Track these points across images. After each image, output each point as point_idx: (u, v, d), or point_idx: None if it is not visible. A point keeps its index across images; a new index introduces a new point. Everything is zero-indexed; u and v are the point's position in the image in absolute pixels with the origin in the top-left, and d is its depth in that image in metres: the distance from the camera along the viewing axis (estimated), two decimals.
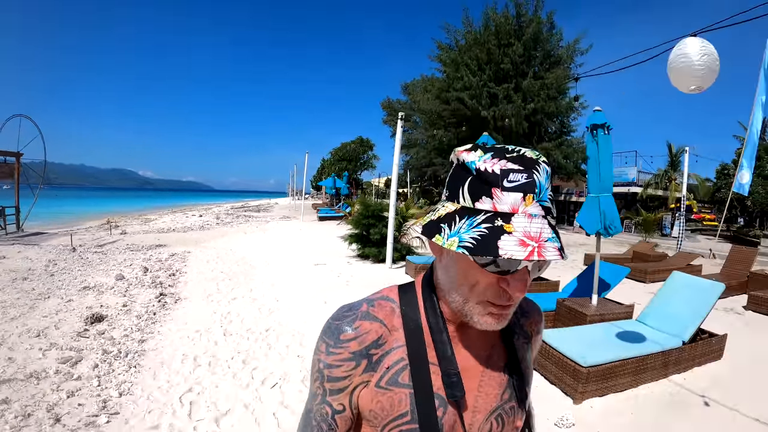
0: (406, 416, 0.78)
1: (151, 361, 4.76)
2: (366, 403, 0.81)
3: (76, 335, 5.46)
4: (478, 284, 0.73)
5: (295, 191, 57.31)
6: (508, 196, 0.68)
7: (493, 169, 0.69)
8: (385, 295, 0.89)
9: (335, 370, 0.81)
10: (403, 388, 0.79)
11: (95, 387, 4.10)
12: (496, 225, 0.66)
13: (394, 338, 0.83)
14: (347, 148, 55.39)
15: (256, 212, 35.59)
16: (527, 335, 0.98)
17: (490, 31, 27.99)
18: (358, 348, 0.80)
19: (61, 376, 4.31)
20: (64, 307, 6.65)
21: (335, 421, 0.82)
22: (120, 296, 7.29)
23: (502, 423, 0.86)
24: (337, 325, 0.83)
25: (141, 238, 15.96)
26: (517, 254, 0.63)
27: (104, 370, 4.46)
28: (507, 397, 0.87)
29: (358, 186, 52.81)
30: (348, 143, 55.88)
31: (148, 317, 6.25)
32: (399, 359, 0.81)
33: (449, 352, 0.81)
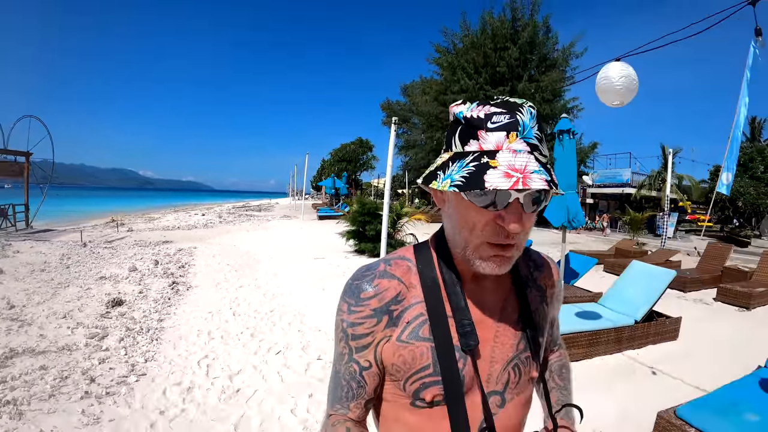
0: (428, 368, 0.82)
1: (170, 336, 5.42)
2: (388, 357, 0.85)
3: (99, 316, 6.10)
4: (476, 225, 0.76)
5: (296, 191, 57.92)
6: (492, 135, 0.72)
7: (478, 114, 0.74)
8: (401, 255, 0.93)
9: (358, 327, 0.85)
10: (425, 341, 0.83)
11: (123, 355, 4.74)
12: (483, 162, 0.71)
13: (413, 294, 0.86)
14: (347, 149, 55.88)
15: (257, 211, 36.21)
16: (541, 289, 1.01)
17: (486, 35, 28.62)
18: (378, 305, 0.84)
19: (90, 348, 4.95)
20: (84, 294, 7.28)
21: (363, 378, 0.86)
22: (135, 285, 7.93)
23: (519, 373, 0.90)
24: (357, 285, 0.86)
25: (147, 235, 16.61)
26: (501, 185, 0.67)
27: (129, 343, 5.10)
28: (522, 348, 0.90)
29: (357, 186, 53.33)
30: (348, 144, 56.38)
31: (163, 301, 6.91)
32: (418, 314, 0.84)
33: (463, 303, 0.85)
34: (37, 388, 3.91)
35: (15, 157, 18.40)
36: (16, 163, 18.45)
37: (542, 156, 0.75)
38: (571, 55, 29.67)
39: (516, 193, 0.71)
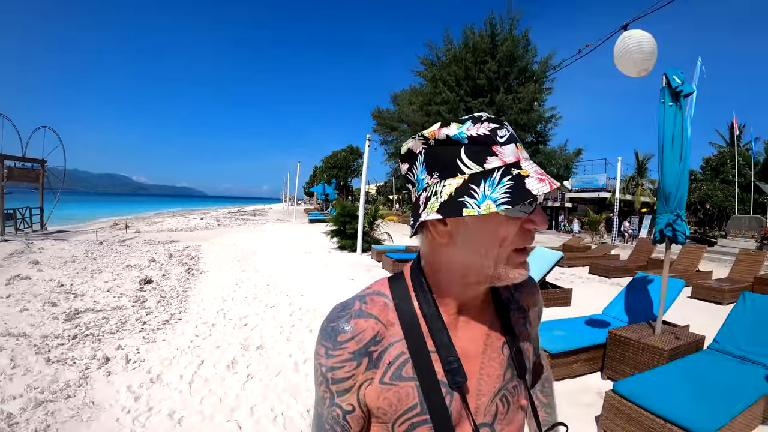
0: (415, 408, 0.79)
1: (194, 299, 7.36)
2: (372, 401, 0.81)
3: (135, 290, 7.95)
4: (508, 236, 0.75)
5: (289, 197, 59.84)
6: (507, 149, 0.73)
7: (482, 132, 0.74)
8: (375, 290, 0.88)
9: (338, 371, 0.81)
10: (409, 381, 0.79)
11: (162, 311, 6.62)
12: (515, 174, 0.71)
13: (391, 333, 0.82)
14: (338, 156, 57.85)
15: (252, 216, 38.14)
16: (523, 310, 0.98)
17: (468, 49, 30.56)
18: (357, 347, 0.80)
19: (137, 307, 6.81)
20: (117, 277, 9.13)
21: (348, 422, 0.82)
22: (157, 270, 9.82)
23: (507, 403, 0.87)
24: (333, 327, 0.82)
25: (154, 236, 18.47)
26: (543, 189, 0.68)
27: (164, 304, 7.00)
28: (509, 377, 0.87)
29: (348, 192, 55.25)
30: (338, 151, 58.35)
31: (184, 280, 8.85)
32: (399, 353, 0.81)
33: (446, 339, 0.81)
34: (106, 328, 5.76)
35: (32, 164, 20.17)
36: (33, 170, 20.22)
37: None
38: (549, 68, 31.58)
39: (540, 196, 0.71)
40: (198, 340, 5.34)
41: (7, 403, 3.69)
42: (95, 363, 4.58)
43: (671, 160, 3.91)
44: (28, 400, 3.70)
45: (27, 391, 3.89)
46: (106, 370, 4.42)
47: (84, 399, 3.82)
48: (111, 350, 4.95)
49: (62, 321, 6.00)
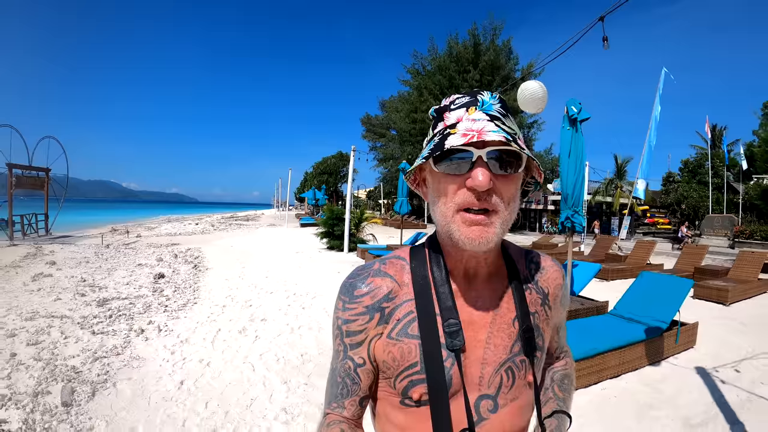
0: (416, 366, 0.82)
1: (204, 289, 8.61)
2: (380, 354, 0.86)
3: (151, 283, 9.15)
4: (448, 192, 0.78)
5: (280, 202, 61.12)
6: (454, 113, 0.79)
7: (445, 102, 0.83)
8: (397, 254, 0.95)
9: (352, 324, 0.87)
10: (413, 339, 0.83)
11: (179, 297, 7.85)
12: (445, 133, 0.77)
13: (404, 292, 0.88)
14: (328, 162, 59.19)
15: (245, 221, 39.30)
16: (543, 291, 0.98)
17: (452, 58, 32.04)
18: (371, 302, 0.87)
19: (156, 295, 8.01)
20: (132, 273, 10.32)
21: (358, 375, 0.88)
22: (167, 267, 11.04)
23: (512, 376, 0.87)
24: (351, 283, 0.90)
25: (156, 240, 19.64)
26: (458, 142, 0.72)
27: (179, 293, 8.23)
28: (517, 350, 0.88)
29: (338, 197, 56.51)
30: (329, 158, 59.70)
31: (192, 275, 10.09)
32: (408, 312, 0.86)
33: (450, 302, 0.85)
34: (134, 310, 6.96)
35: (38, 172, 21.25)
36: (39, 177, 21.29)
37: (505, 126, 0.77)
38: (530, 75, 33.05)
39: (477, 151, 0.73)
40: (213, 316, 6.61)
41: (69, 360, 4.87)
42: (133, 333, 5.81)
43: (568, 170, 5.23)
44: (86, 358, 4.91)
45: (82, 352, 5.09)
46: (144, 337, 5.65)
47: (130, 354, 5.05)
48: (143, 324, 6.17)
49: (95, 306, 7.20)
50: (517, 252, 1.01)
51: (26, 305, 7.10)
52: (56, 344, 5.34)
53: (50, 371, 4.50)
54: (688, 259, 11.05)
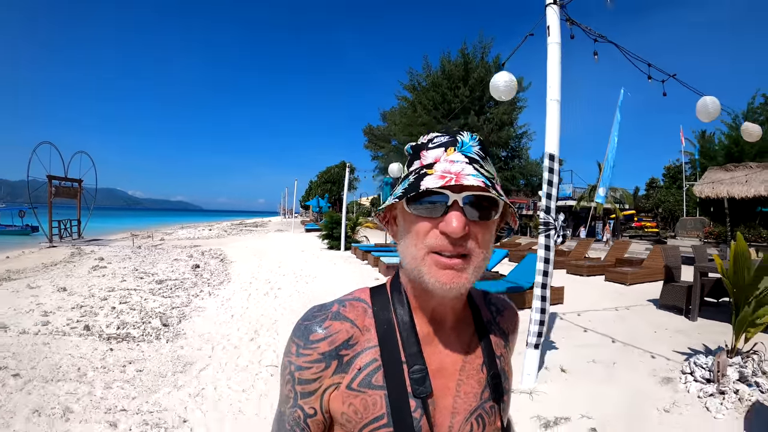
0: (382, 419, 0.77)
1: (233, 273, 11.36)
2: (338, 406, 0.80)
3: (190, 270, 11.86)
4: (420, 234, 0.74)
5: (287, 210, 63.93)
6: (431, 152, 0.76)
7: (422, 141, 0.80)
8: (357, 296, 0.89)
9: (305, 372, 0.80)
10: (377, 390, 0.78)
11: (215, 279, 10.58)
12: (421, 173, 0.74)
13: (366, 339, 0.82)
14: (331, 172, 61.97)
15: (254, 227, 42.30)
16: (504, 333, 0.98)
17: (445, 75, 34.68)
18: (328, 348, 0.79)
19: (196, 278, 10.71)
20: (172, 265, 13.04)
21: (308, 426, 0.82)
22: (199, 261, 13.78)
23: (482, 424, 0.85)
24: (307, 326, 0.82)
25: (178, 242, 22.43)
26: (434, 184, 0.69)
27: (215, 276, 10.96)
28: (486, 397, 0.86)
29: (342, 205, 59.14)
30: (332, 167, 62.50)
31: (222, 265, 12.86)
32: (372, 360, 0.80)
33: (416, 348, 0.81)
34: (186, 285, 9.65)
35: (72, 183, 24.01)
36: (73, 188, 24.06)
37: (483, 169, 0.75)
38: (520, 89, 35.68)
39: (453, 195, 0.71)
40: (244, 287, 9.37)
41: (155, 310, 7.50)
42: (191, 296, 8.50)
43: None
44: (165, 308, 7.57)
45: (161, 306, 7.75)
46: (200, 298, 8.36)
47: (194, 306, 7.75)
48: (196, 292, 8.88)
49: (155, 284, 9.90)
50: (478, 295, 0.99)
51: (101, 284, 9.79)
52: (140, 302, 8.02)
53: (145, 314, 7.18)
54: (614, 252, 13.55)
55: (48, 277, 10.95)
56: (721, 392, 3.89)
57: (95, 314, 7.05)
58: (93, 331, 6.11)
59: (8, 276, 11.19)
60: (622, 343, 5.45)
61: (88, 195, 25.66)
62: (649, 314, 7.12)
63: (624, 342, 5.47)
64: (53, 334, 5.94)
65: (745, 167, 16.04)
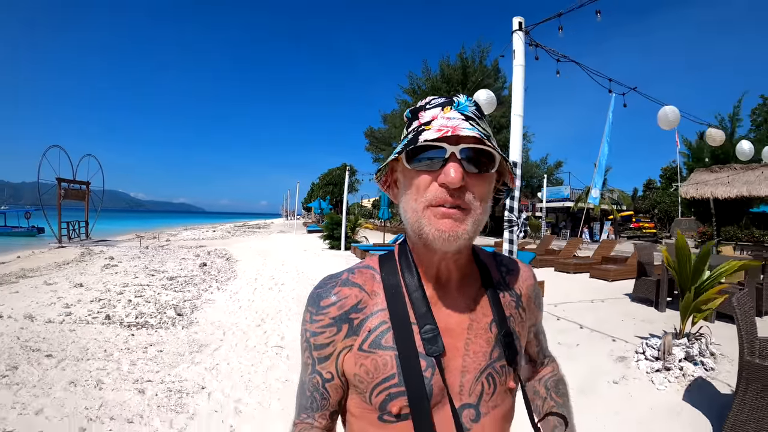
0: (393, 378, 0.79)
1: (239, 271, 12.01)
2: (350, 368, 0.83)
3: (198, 268, 12.51)
4: (420, 188, 0.76)
5: (289, 212, 64.65)
6: (429, 112, 0.79)
7: (420, 104, 0.83)
8: (366, 263, 0.92)
9: (319, 337, 0.84)
10: (388, 350, 0.80)
11: (222, 275, 11.22)
12: (419, 129, 0.77)
13: (375, 302, 0.85)
14: (333, 174, 62.55)
15: (257, 229, 43.12)
16: (516, 294, 0.97)
17: (444, 79, 35.28)
18: (338, 313, 0.83)
19: (204, 275, 11.35)
20: (180, 263, 13.68)
21: (327, 390, 0.86)
22: (206, 260, 14.42)
23: (493, 383, 0.85)
24: (318, 293, 0.87)
25: (184, 243, 23.11)
26: (432, 136, 0.72)
27: (222, 273, 11.60)
28: (496, 356, 0.86)
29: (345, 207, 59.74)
30: (334, 169, 63.10)
31: (228, 263, 13.52)
32: (381, 322, 0.83)
33: (425, 308, 0.83)
34: (195, 282, 10.29)
35: (80, 185, 24.67)
36: (81, 190, 24.71)
37: (479, 126, 0.77)
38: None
39: (451, 147, 0.73)
40: (250, 282, 10.01)
41: (169, 302, 8.12)
42: (201, 291, 9.14)
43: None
44: (178, 301, 8.21)
45: (173, 299, 8.37)
46: (209, 292, 9.00)
47: (205, 299, 8.40)
48: (205, 287, 9.52)
49: (166, 280, 10.53)
50: (487, 256, 1.00)
51: (115, 280, 10.43)
52: (154, 296, 8.64)
53: (160, 305, 7.81)
54: (601, 251, 14.20)
55: (63, 274, 11.53)
56: (666, 368, 4.51)
57: (113, 306, 7.66)
58: (114, 320, 6.73)
59: (24, 274, 11.77)
60: (590, 329, 6.06)
61: (95, 197, 26.29)
62: (621, 306, 7.72)
63: (591, 328, 6.09)
64: (77, 323, 6.56)
65: (729, 169, 16.66)
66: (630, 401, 3.95)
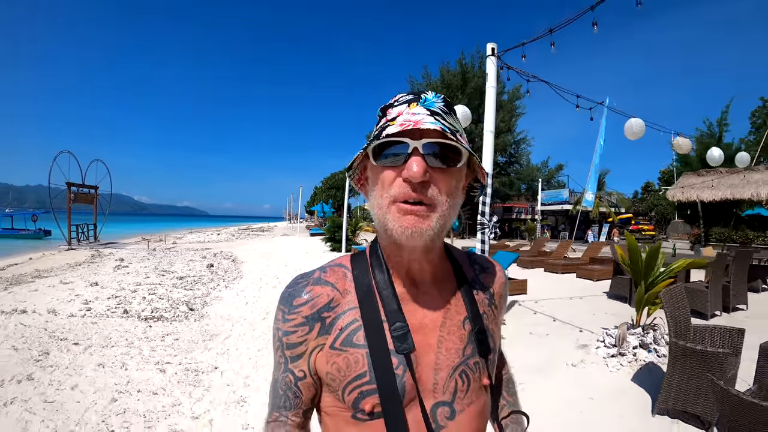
0: (364, 376, 0.79)
1: (245, 271, 12.72)
2: (322, 366, 0.83)
3: (206, 269, 13.19)
4: (384, 183, 0.78)
5: (292, 215, 65.32)
6: (396, 109, 0.81)
7: (390, 102, 0.85)
8: (338, 262, 0.93)
9: (291, 336, 0.84)
10: (359, 348, 0.81)
11: (229, 275, 11.93)
12: (384, 126, 0.79)
13: (347, 301, 0.85)
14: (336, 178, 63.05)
15: (261, 232, 43.94)
16: (489, 293, 0.98)
17: (444, 84, 35.91)
18: (310, 312, 0.83)
19: (212, 275, 12.05)
20: (188, 264, 14.37)
21: (299, 388, 0.86)
22: (213, 261, 15.11)
23: (467, 380, 0.86)
24: (290, 292, 0.86)
25: (190, 245, 23.85)
26: (394, 130, 0.74)
27: (229, 273, 12.31)
28: (469, 353, 0.87)
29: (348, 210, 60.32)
30: (336, 173, 63.64)
31: (233, 264, 14.25)
32: (352, 320, 0.83)
33: (395, 305, 0.83)
34: (204, 281, 10.97)
35: (89, 189, 25.36)
36: (90, 194, 25.39)
37: (446, 121, 0.77)
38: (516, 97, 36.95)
39: (413, 143, 0.73)
40: (255, 281, 10.69)
41: (180, 299, 8.77)
42: (210, 289, 9.82)
43: None
44: (189, 298, 8.88)
45: (184, 296, 9.05)
46: (218, 290, 9.67)
47: (214, 296, 9.08)
48: (214, 286, 10.20)
49: (176, 279, 11.22)
50: (460, 255, 1.01)
51: (127, 280, 11.11)
52: (167, 294, 9.32)
53: (173, 302, 8.49)
54: (589, 252, 14.82)
55: (77, 274, 12.20)
56: (621, 354, 5.14)
57: (129, 302, 8.34)
58: (131, 314, 7.41)
59: (39, 274, 12.45)
60: (562, 322, 6.69)
61: (103, 200, 26.96)
62: (597, 302, 8.33)
63: (563, 321, 6.72)
64: (98, 317, 7.24)
65: (715, 172, 17.26)
66: (584, 381, 4.56)
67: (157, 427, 3.68)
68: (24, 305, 7.87)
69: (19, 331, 6.34)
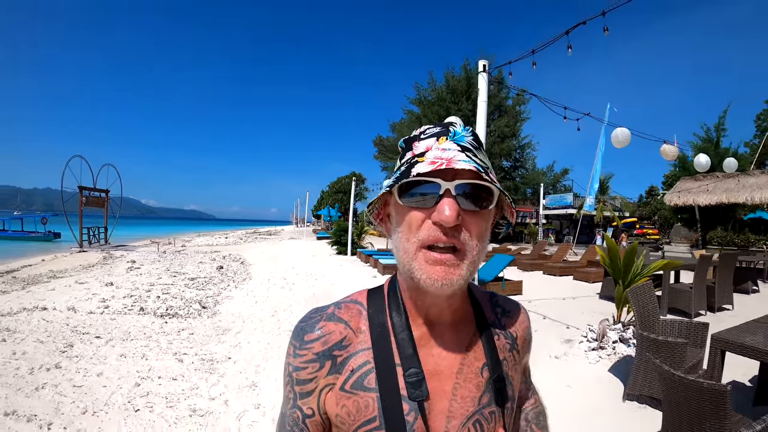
0: (374, 421, 0.77)
1: (254, 273, 13.22)
2: (332, 407, 0.81)
3: (216, 270, 13.70)
4: (412, 226, 0.73)
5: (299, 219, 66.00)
6: (423, 143, 0.76)
7: (414, 133, 0.80)
8: (353, 298, 0.89)
9: (301, 372, 0.82)
10: (370, 392, 0.78)
11: (239, 277, 12.43)
12: (412, 161, 0.74)
13: (360, 340, 0.82)
14: (342, 182, 63.77)
15: (268, 235, 44.44)
16: (511, 337, 0.94)
17: (449, 90, 36.41)
18: (321, 349, 0.81)
19: (222, 276, 12.55)
20: (198, 266, 14.88)
21: (306, 426, 0.83)
22: (222, 263, 15.64)
23: (481, 430, 0.82)
24: (303, 327, 0.84)
25: (199, 248, 24.43)
26: (425, 169, 0.69)
27: (239, 275, 12.81)
28: (486, 402, 0.84)
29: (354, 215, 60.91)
30: (343, 177, 64.33)
31: (242, 266, 14.77)
32: (364, 362, 0.80)
33: (411, 350, 0.80)
34: (215, 282, 11.46)
35: (100, 193, 25.96)
36: (101, 198, 26.00)
37: (477, 158, 0.74)
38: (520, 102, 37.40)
39: (445, 184, 0.70)
40: (263, 282, 11.16)
41: (193, 298, 9.24)
42: (221, 289, 10.31)
43: None
44: (201, 297, 9.35)
45: (196, 296, 9.52)
46: (228, 290, 10.16)
47: (224, 295, 9.56)
48: (224, 286, 10.70)
49: (188, 280, 11.71)
50: (482, 296, 0.96)
51: (141, 280, 11.62)
52: (179, 293, 9.80)
53: (186, 300, 8.98)
54: (587, 255, 15.22)
55: (91, 275, 12.72)
56: (601, 348, 5.58)
57: (145, 301, 8.83)
58: (147, 311, 7.89)
59: (54, 275, 12.96)
60: (552, 320, 7.13)
61: (113, 204, 27.55)
62: (589, 302, 8.76)
63: (553, 319, 7.15)
64: (116, 314, 7.71)
65: (712, 177, 17.61)
66: (564, 372, 4.99)
67: (177, 406, 4.14)
68: (44, 303, 8.36)
69: (42, 326, 6.81)
